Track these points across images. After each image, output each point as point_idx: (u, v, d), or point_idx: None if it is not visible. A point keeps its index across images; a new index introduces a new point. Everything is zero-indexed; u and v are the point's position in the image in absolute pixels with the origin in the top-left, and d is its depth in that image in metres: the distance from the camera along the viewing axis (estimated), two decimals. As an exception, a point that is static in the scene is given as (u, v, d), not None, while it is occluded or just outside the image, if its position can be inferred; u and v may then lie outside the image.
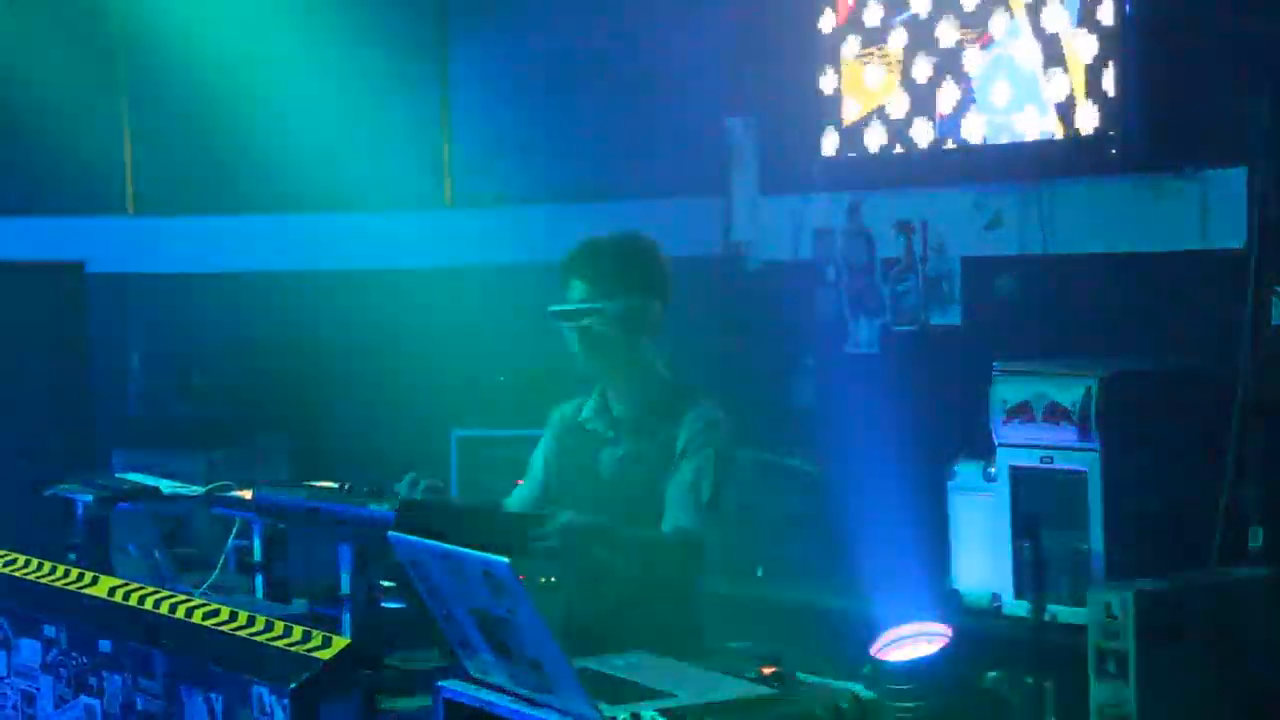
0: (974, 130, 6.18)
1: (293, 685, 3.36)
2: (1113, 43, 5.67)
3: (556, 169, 7.39)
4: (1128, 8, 5.62)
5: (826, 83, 6.72)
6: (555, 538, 3.91)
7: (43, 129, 7.49)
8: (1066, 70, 5.81)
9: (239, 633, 3.63)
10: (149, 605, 3.90)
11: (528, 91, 7.42)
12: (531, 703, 3.30)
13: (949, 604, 5.64)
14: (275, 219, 7.71)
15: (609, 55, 7.34)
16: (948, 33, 6.23)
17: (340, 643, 3.46)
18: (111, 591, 4.05)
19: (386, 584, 3.91)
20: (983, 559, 5.61)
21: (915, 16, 6.37)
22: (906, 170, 6.50)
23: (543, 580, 4.31)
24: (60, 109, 7.50)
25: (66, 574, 4.24)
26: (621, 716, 3.23)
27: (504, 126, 7.46)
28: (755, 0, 7.26)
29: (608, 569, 4.22)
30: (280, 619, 3.63)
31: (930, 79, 6.30)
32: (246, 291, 7.52)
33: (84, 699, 3.94)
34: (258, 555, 4.35)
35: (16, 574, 4.35)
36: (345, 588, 3.78)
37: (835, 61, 6.68)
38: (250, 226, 7.71)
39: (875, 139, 6.56)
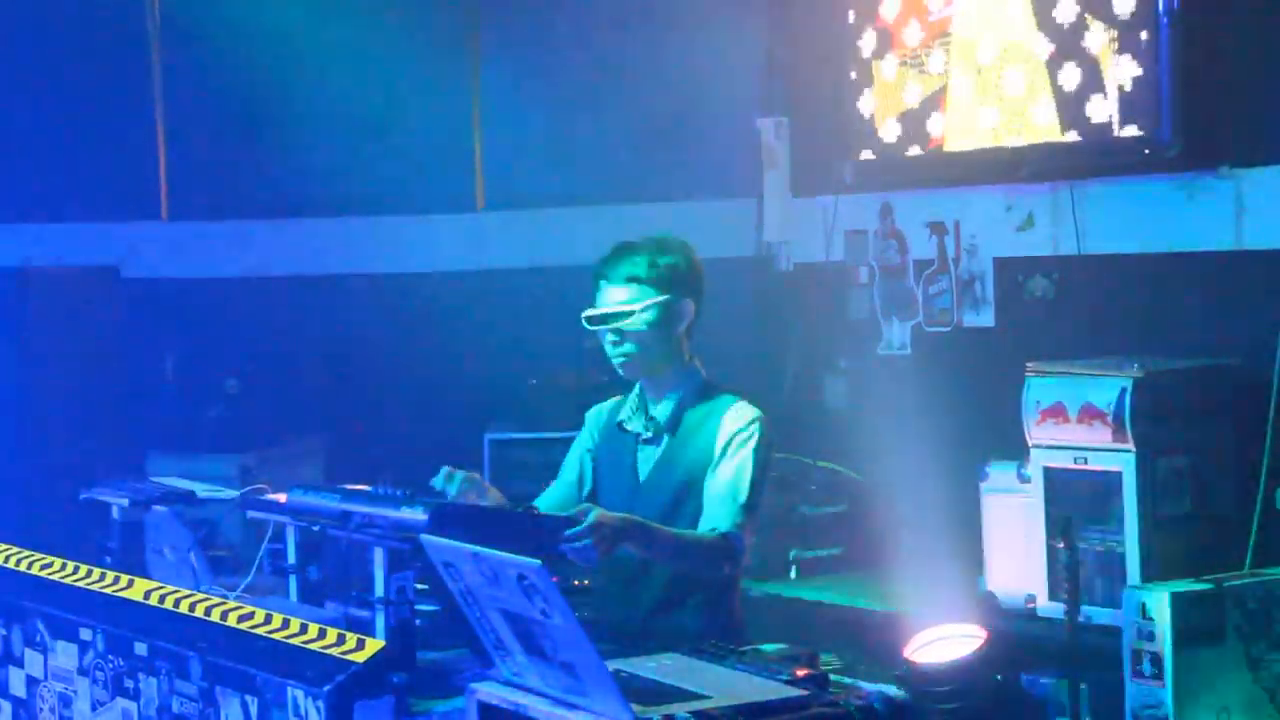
0: (1004, 131, 6.16)
1: (327, 688, 3.37)
2: (1146, 42, 5.64)
3: (588, 171, 7.39)
4: (1160, 6, 5.59)
5: (864, 104, 6.68)
6: (586, 536, 3.91)
7: (77, 135, 7.54)
8: (1100, 71, 5.78)
9: (274, 635, 3.64)
10: (185, 608, 3.92)
11: (559, 94, 7.42)
12: (566, 705, 3.30)
13: (983, 605, 5.63)
14: (307, 223, 7.74)
15: (640, 57, 7.34)
16: (988, 50, 6.20)
17: (374, 645, 3.47)
18: (147, 595, 4.07)
19: (420, 586, 3.91)
20: (1017, 560, 5.59)
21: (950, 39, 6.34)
22: (939, 171, 6.49)
23: (576, 582, 4.32)
24: (94, 115, 7.55)
25: (102, 577, 4.26)
26: (655, 718, 3.23)
27: (536, 129, 7.47)
28: (786, 2, 7.26)
29: (642, 570, 4.23)
30: (315, 622, 3.64)
31: (969, 101, 6.27)
32: (279, 295, 7.55)
33: (121, 702, 3.96)
34: (292, 558, 4.35)
35: (53, 577, 4.38)
36: (379, 590, 3.78)
37: (872, 82, 6.64)
38: (283, 231, 7.74)
39: (908, 142, 6.54)
